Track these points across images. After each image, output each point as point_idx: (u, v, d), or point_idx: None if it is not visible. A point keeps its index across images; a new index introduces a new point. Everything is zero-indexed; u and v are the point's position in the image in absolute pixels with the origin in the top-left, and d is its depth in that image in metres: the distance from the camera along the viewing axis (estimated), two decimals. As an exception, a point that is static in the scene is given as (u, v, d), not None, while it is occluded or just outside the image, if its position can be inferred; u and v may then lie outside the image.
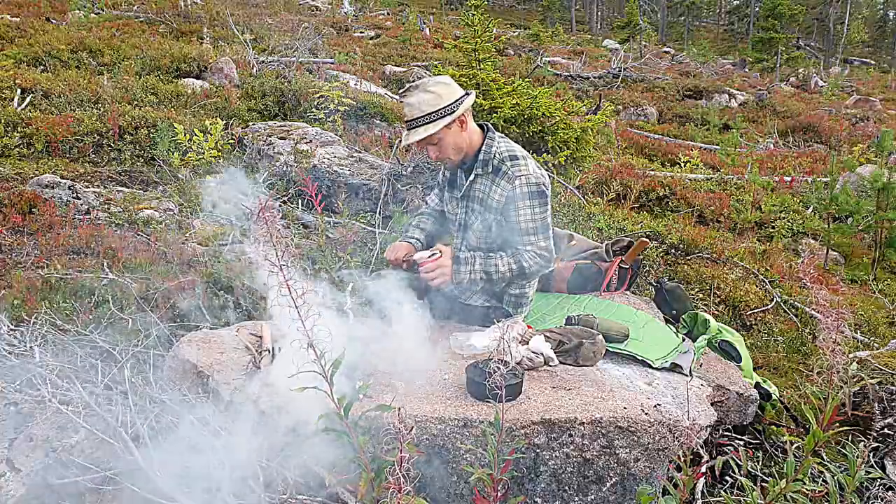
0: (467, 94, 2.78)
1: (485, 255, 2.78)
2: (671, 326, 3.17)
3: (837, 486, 1.91)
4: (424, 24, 23.22)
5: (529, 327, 2.69)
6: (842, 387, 1.69)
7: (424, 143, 2.74)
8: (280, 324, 2.38)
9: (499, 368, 1.65)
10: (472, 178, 2.85)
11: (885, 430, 2.87)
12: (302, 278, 1.67)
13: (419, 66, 13.96)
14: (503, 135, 2.96)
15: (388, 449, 1.66)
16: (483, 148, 2.82)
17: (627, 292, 3.50)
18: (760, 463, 2.74)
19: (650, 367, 2.60)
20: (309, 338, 1.65)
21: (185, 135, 5.71)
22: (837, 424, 1.82)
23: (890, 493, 2.43)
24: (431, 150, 2.78)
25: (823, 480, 2.36)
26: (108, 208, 4.91)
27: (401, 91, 2.78)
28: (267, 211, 1.54)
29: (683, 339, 2.92)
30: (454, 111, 2.68)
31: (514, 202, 2.73)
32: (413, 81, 2.78)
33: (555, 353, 2.52)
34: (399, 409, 1.54)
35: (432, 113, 2.66)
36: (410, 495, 1.50)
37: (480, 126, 2.88)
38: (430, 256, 2.76)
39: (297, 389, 1.69)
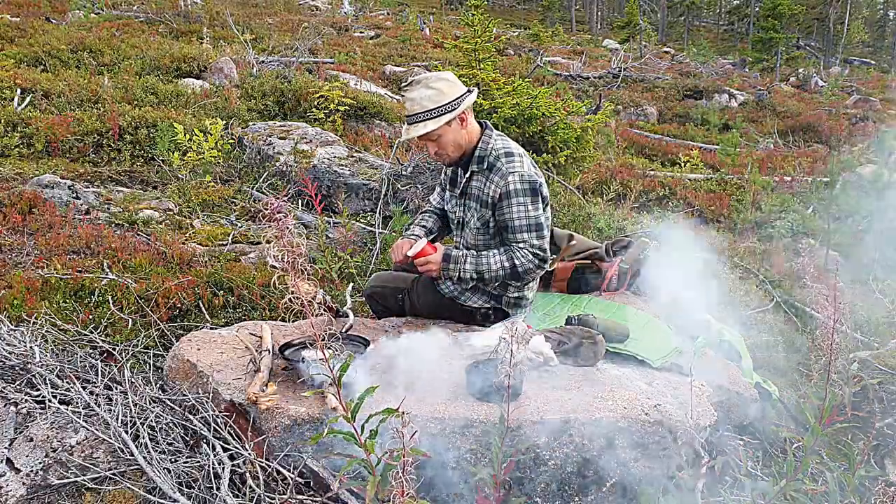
0: (469, 91, 2.76)
1: (476, 255, 2.76)
2: (671, 326, 3.17)
3: (837, 485, 1.90)
4: (424, 24, 23.20)
5: (529, 327, 2.69)
6: (842, 386, 1.68)
7: (424, 138, 2.73)
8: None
9: (505, 368, 1.65)
10: (468, 175, 2.85)
11: (886, 430, 2.87)
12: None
13: (419, 66, 13.96)
14: (501, 133, 2.95)
15: (392, 451, 1.66)
16: (479, 145, 2.81)
17: (627, 292, 3.49)
18: (760, 463, 2.73)
19: (650, 367, 2.60)
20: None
21: (185, 135, 5.71)
22: (837, 424, 1.82)
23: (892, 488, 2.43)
24: (431, 147, 2.77)
25: (823, 480, 2.35)
26: (108, 208, 4.92)
27: (403, 86, 2.76)
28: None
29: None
30: (455, 108, 2.67)
31: (507, 199, 2.72)
32: (415, 76, 2.77)
33: (555, 353, 2.52)
34: (403, 413, 1.54)
35: (433, 109, 2.65)
36: (413, 498, 1.50)
37: (479, 124, 2.87)
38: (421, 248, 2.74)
39: (308, 394, 1.68)
